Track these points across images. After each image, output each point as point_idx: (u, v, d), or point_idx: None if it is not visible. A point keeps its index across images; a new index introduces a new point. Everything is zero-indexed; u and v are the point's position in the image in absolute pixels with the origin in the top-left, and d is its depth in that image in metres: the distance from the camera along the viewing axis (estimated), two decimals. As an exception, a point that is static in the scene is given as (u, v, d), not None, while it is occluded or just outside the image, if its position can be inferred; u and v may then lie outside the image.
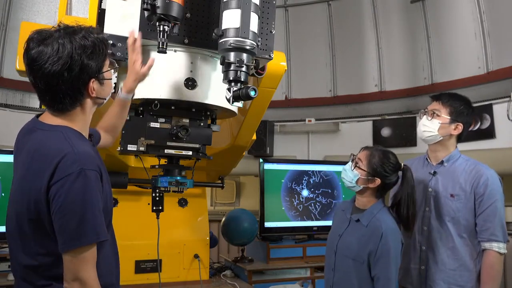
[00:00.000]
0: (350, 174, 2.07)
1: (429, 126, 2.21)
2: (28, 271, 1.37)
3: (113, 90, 1.87)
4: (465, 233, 2.12)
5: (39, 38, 1.34)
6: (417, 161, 2.37)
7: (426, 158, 2.32)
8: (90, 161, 1.32)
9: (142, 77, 1.68)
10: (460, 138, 2.27)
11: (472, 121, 2.27)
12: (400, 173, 2.09)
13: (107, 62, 1.47)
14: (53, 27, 1.39)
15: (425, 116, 2.25)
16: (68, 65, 1.32)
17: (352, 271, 2.02)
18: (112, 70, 1.53)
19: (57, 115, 1.41)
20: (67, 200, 1.26)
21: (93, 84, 1.40)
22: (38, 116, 1.45)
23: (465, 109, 2.21)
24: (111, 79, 1.52)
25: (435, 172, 2.24)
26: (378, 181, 2.03)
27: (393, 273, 1.95)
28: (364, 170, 2.04)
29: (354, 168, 2.06)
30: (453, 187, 2.15)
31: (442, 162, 2.24)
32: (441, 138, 2.21)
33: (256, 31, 1.59)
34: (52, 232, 1.30)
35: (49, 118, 1.42)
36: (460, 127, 2.19)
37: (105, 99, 1.50)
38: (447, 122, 2.19)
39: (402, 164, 2.10)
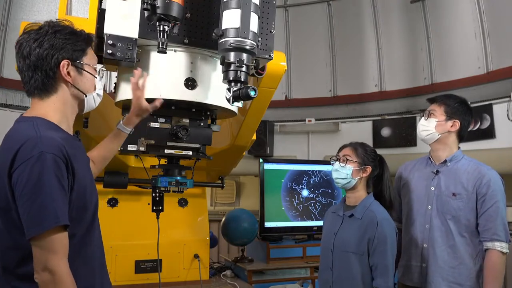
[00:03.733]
0: (343, 171, 2.16)
1: (427, 126, 2.29)
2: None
3: (113, 90, 1.87)
4: (466, 232, 2.15)
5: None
6: (419, 162, 2.42)
7: (429, 158, 2.35)
8: (52, 146, 1.30)
9: (145, 113, 1.71)
10: (462, 138, 2.30)
11: (471, 119, 2.30)
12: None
13: (89, 57, 1.49)
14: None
15: (423, 117, 2.34)
16: (40, 41, 1.40)
17: (352, 266, 2.05)
18: (99, 74, 1.53)
19: (37, 102, 1.45)
20: (27, 185, 1.25)
21: (68, 67, 1.42)
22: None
23: (460, 106, 2.26)
24: (95, 76, 1.51)
25: (437, 171, 2.27)
26: (369, 168, 2.17)
27: (390, 260, 2.01)
28: (355, 162, 2.16)
29: (345, 164, 2.17)
30: (455, 186, 2.18)
31: (445, 162, 2.26)
32: (440, 135, 2.26)
33: (256, 31, 1.59)
34: (20, 221, 1.27)
35: (29, 111, 1.47)
36: (457, 123, 2.24)
37: (86, 94, 1.49)
38: (443, 120, 2.25)
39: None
